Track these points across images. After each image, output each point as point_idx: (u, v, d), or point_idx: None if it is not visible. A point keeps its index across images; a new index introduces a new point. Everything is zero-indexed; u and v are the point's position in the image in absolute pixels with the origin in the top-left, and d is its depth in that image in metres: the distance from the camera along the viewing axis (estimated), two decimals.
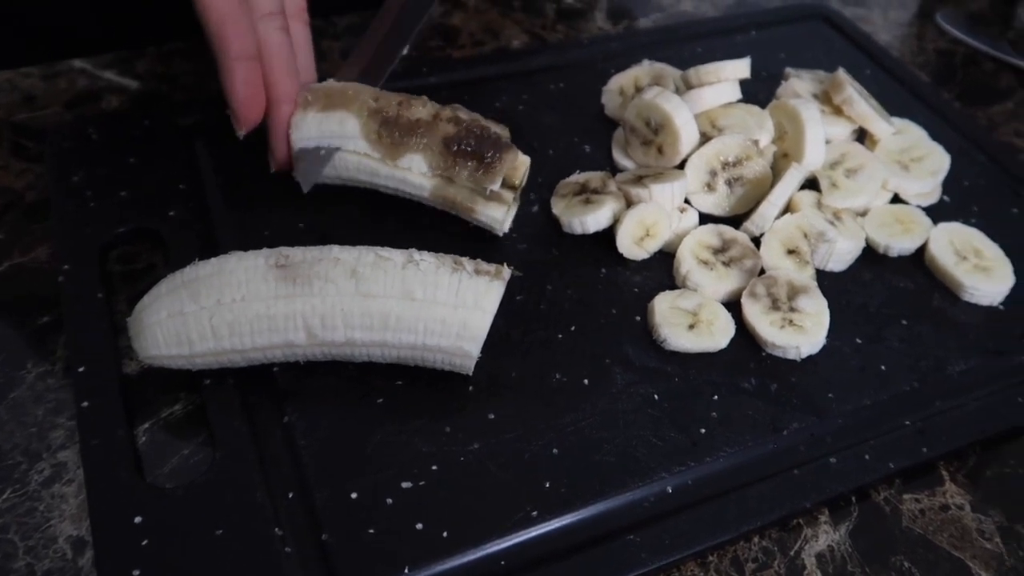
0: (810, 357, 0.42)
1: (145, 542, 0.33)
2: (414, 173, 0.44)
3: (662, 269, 0.46)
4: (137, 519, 0.34)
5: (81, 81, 0.54)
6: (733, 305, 0.44)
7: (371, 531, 0.34)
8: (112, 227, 0.45)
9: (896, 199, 0.50)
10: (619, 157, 0.51)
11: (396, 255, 0.38)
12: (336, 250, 0.38)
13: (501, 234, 0.46)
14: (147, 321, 0.37)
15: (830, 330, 0.43)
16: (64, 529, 0.35)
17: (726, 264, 0.45)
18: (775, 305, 0.43)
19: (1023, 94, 0.63)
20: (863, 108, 0.51)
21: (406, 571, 0.33)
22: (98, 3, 0.60)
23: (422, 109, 0.44)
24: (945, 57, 0.66)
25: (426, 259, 0.38)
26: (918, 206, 0.50)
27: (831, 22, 0.65)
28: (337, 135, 0.43)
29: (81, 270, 0.42)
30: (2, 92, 0.53)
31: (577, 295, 0.44)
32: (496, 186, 0.43)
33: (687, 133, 0.47)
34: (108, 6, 0.60)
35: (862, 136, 0.53)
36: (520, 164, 0.45)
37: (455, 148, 0.43)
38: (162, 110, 0.52)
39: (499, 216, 0.45)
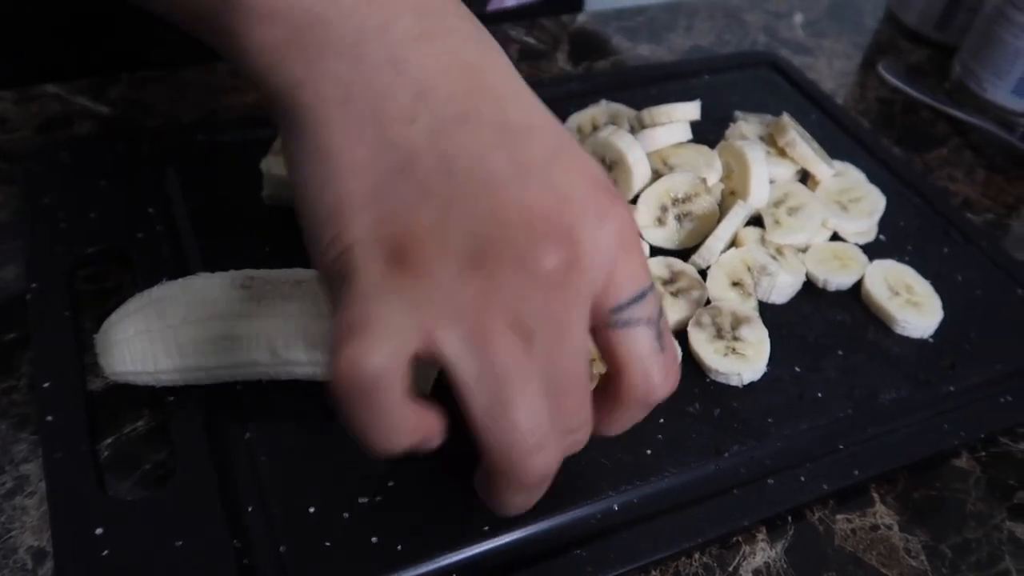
0: (751, 384, 0.45)
1: (105, 552, 0.34)
2: None
3: None
4: (98, 531, 0.35)
5: (54, 106, 0.56)
6: (679, 334, 0.46)
7: (327, 544, 0.36)
8: (81, 248, 0.46)
9: (835, 237, 0.53)
10: None
11: None
12: (300, 272, 0.40)
13: None
14: (114, 338, 0.38)
15: (771, 359, 0.45)
16: (25, 540, 0.35)
17: (674, 295, 0.47)
18: (719, 334, 0.45)
19: (957, 141, 0.66)
20: (805, 151, 0.54)
21: None
22: (72, 30, 0.61)
23: None
24: (886, 105, 0.69)
25: None
26: (856, 244, 0.53)
27: (779, 69, 0.69)
28: None
29: (49, 289, 0.43)
30: None
31: None
32: None
33: (639, 170, 0.50)
34: (83, 33, 0.62)
35: (805, 177, 0.56)
36: None
37: None
38: (133, 136, 0.53)
39: None
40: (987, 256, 0.55)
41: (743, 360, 0.44)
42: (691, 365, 0.45)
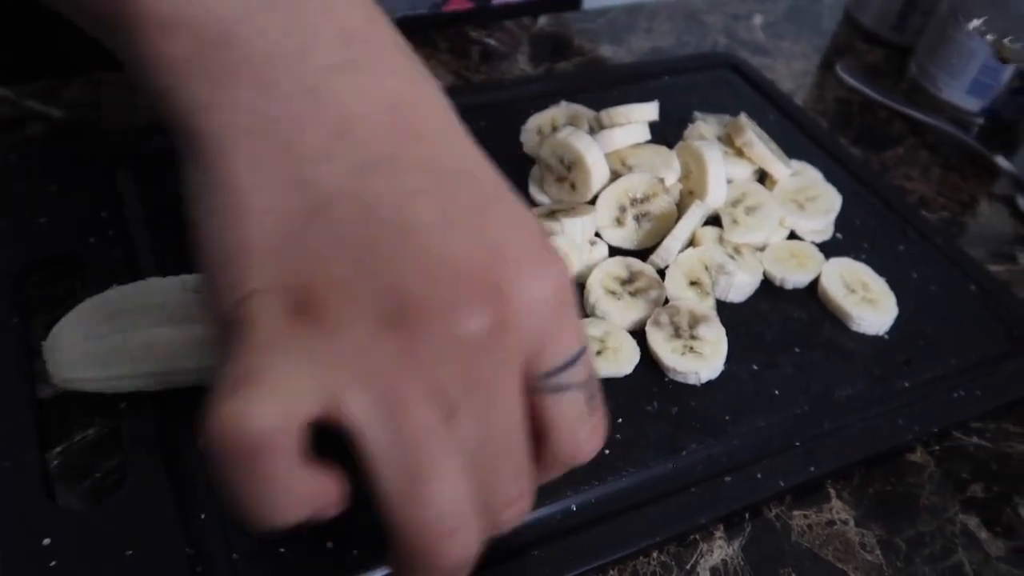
0: (709, 382, 0.45)
1: (53, 563, 0.33)
2: None
3: None
4: (45, 541, 0.34)
5: (3, 108, 0.55)
6: (637, 333, 0.46)
7: (282, 550, 0.35)
8: (30, 253, 0.45)
9: (792, 236, 0.54)
10: (535, 192, 0.53)
11: None
12: None
13: None
14: (62, 344, 0.37)
15: (728, 357, 0.45)
16: None
17: (632, 294, 0.47)
18: (677, 333, 0.45)
19: (913, 140, 0.67)
20: (762, 151, 0.54)
21: None
22: (23, 32, 0.60)
23: None
24: (843, 105, 0.70)
25: None
26: (812, 242, 0.53)
27: (739, 70, 0.69)
28: None
29: None
30: None
31: None
32: None
33: (598, 170, 0.50)
34: (34, 35, 0.61)
35: (763, 177, 0.56)
36: None
37: None
38: (85, 139, 0.53)
39: None
40: (942, 253, 0.55)
41: (701, 359, 0.45)
42: (649, 364, 0.45)
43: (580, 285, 0.48)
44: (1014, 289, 0.55)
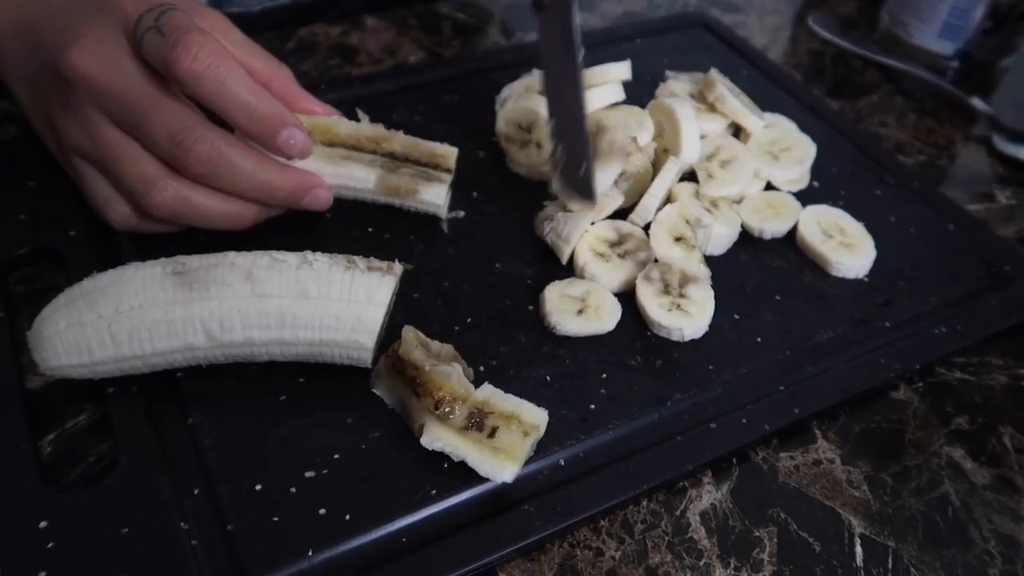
0: None
1: (51, 545, 0.34)
2: (361, 171, 0.48)
3: (552, 261, 0.48)
4: (42, 524, 0.35)
5: None
6: (628, 294, 0.46)
7: (275, 519, 0.36)
8: (12, 248, 0.45)
9: (769, 187, 0.54)
10: (510, 163, 0.54)
11: (290, 257, 0.40)
12: (232, 256, 0.40)
13: (444, 216, 0.50)
14: (46, 332, 0.38)
15: (712, 312, 0.46)
16: None
17: (621, 256, 0.48)
18: (666, 290, 0.46)
19: (887, 88, 0.68)
20: (734, 104, 0.54)
21: (310, 554, 0.35)
22: None
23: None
24: (816, 57, 0.70)
25: (320, 259, 0.40)
26: (789, 192, 0.54)
27: (711, 29, 0.69)
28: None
29: None
30: None
31: (472, 289, 0.46)
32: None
33: None
34: None
35: (737, 131, 0.56)
36: (450, 152, 0.50)
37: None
38: None
39: (440, 197, 0.48)
40: (919, 196, 0.56)
41: (687, 317, 0.45)
42: (632, 320, 0.46)
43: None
44: (993, 227, 0.55)
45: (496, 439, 0.38)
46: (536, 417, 0.39)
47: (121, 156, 0.41)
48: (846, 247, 0.50)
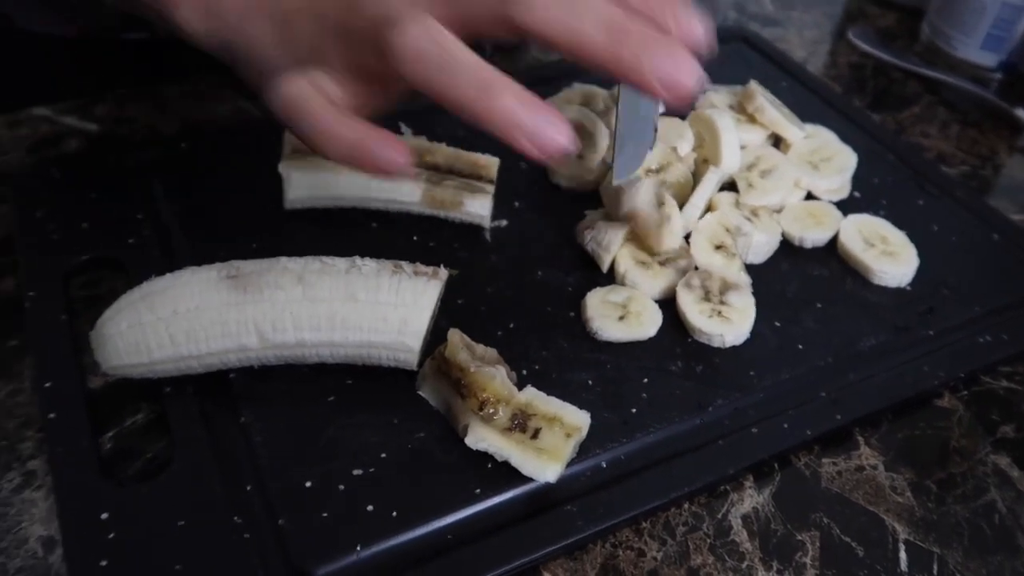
0: None
1: (112, 535, 0.35)
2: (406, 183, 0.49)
3: (593, 269, 0.49)
4: (103, 515, 0.36)
5: (43, 127, 0.57)
6: (668, 300, 0.47)
7: (324, 515, 0.37)
8: (75, 256, 0.47)
9: (810, 197, 0.54)
10: (551, 175, 0.55)
11: (340, 262, 0.41)
12: (284, 261, 0.41)
13: (487, 226, 0.51)
14: (108, 333, 0.39)
15: (753, 319, 0.46)
16: (34, 531, 0.37)
17: (662, 264, 0.48)
18: (707, 297, 0.46)
19: (928, 99, 0.67)
20: (773, 115, 0.55)
21: (358, 549, 0.36)
22: (59, 55, 0.63)
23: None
24: (857, 70, 0.70)
25: (368, 264, 0.41)
26: (830, 201, 0.54)
27: (750, 43, 0.70)
28: None
29: (45, 296, 0.45)
30: None
31: (515, 296, 0.47)
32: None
33: (598, 133, 0.51)
34: (68, 57, 0.64)
35: (777, 142, 0.57)
36: (492, 163, 0.51)
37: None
38: (120, 149, 0.55)
39: (484, 208, 0.50)
40: (962, 205, 0.56)
41: (728, 323, 0.45)
42: (672, 327, 0.46)
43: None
44: None
45: (539, 440, 0.38)
46: (579, 419, 0.39)
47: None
48: (888, 255, 0.50)
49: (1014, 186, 0.60)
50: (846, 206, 0.54)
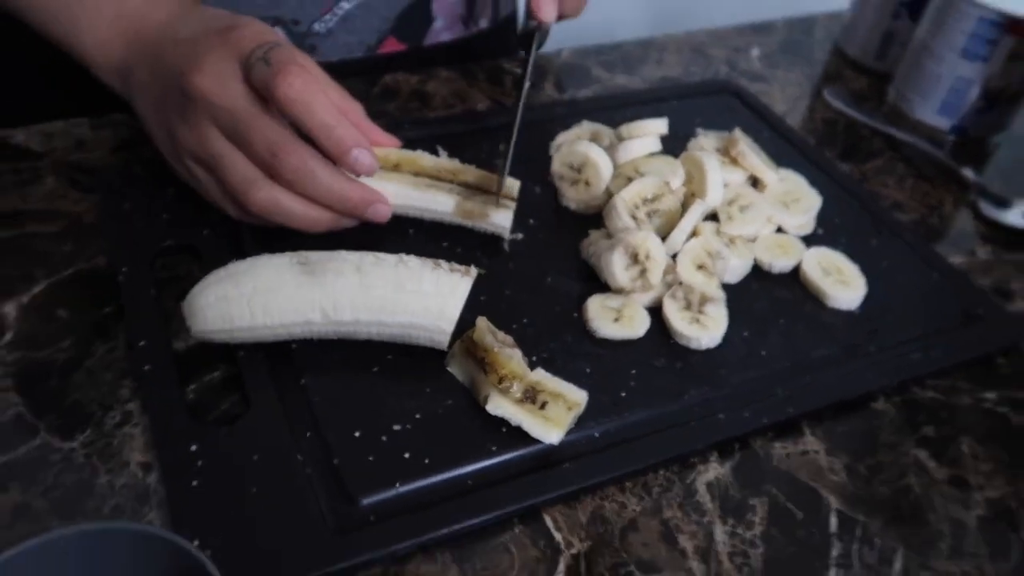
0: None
1: (200, 463, 0.44)
2: (443, 197, 0.58)
3: (594, 279, 0.58)
4: (192, 447, 0.45)
5: (123, 130, 0.66)
6: (656, 308, 0.56)
7: (370, 458, 0.45)
8: (157, 243, 0.56)
9: (780, 230, 0.64)
10: (561, 198, 0.64)
11: (390, 257, 0.50)
12: (344, 253, 0.50)
13: (507, 237, 0.60)
14: (199, 304, 0.48)
15: (726, 327, 0.55)
16: (135, 457, 0.45)
17: None
18: (688, 306, 0.55)
19: (890, 155, 0.77)
20: (753, 159, 0.65)
21: (397, 486, 0.44)
22: None
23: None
24: (830, 125, 0.80)
25: (412, 260, 0.50)
26: (796, 235, 0.63)
27: (738, 95, 0.80)
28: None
29: (136, 273, 0.54)
30: (59, 138, 0.65)
31: (528, 297, 0.56)
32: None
33: (603, 164, 0.61)
34: None
35: (755, 183, 0.66)
36: (514, 184, 0.61)
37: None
38: None
39: (507, 221, 0.59)
40: (910, 247, 0.65)
41: (704, 329, 0.55)
42: (658, 331, 0.55)
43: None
44: (972, 277, 0.64)
45: (546, 411, 0.47)
46: (578, 396, 0.48)
47: (227, 161, 0.52)
48: (842, 283, 0.59)
49: (955, 234, 0.70)
50: (810, 240, 0.63)
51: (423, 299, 0.49)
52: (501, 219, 0.59)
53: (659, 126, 0.65)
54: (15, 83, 0.69)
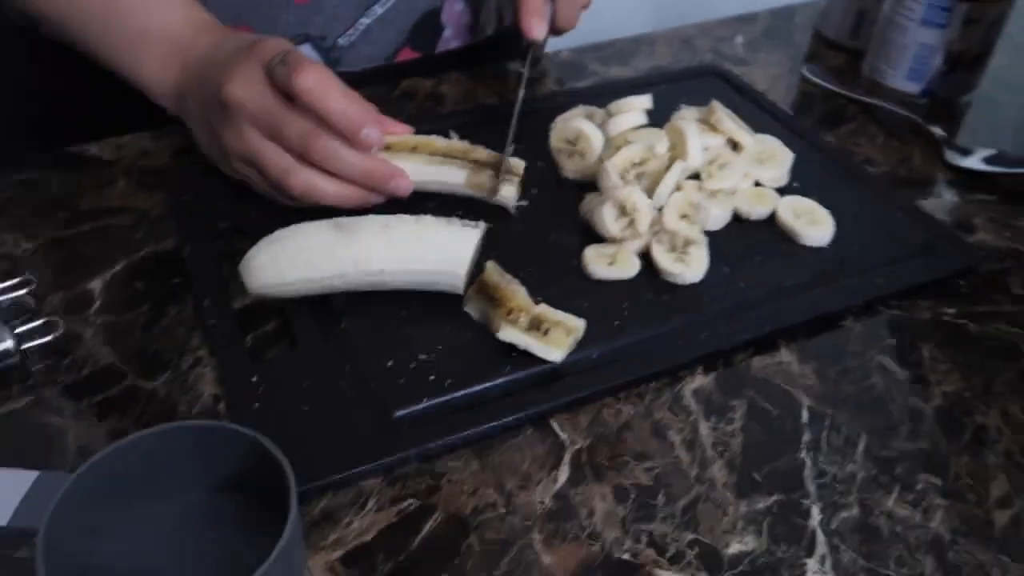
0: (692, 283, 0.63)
1: (260, 390, 0.53)
2: (455, 171, 0.67)
3: (591, 234, 0.66)
4: (253, 378, 0.53)
5: (179, 139, 0.76)
6: (645, 253, 0.64)
7: (401, 381, 0.54)
8: (214, 224, 0.66)
9: (758, 185, 0.71)
10: (560, 170, 0.73)
11: (409, 217, 0.59)
12: (371, 216, 0.59)
13: (513, 209, 0.68)
14: (253, 264, 0.57)
15: (707, 264, 0.63)
16: (207, 389, 0.54)
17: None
18: (673, 248, 0.63)
19: (863, 119, 0.85)
20: (729, 124, 0.73)
21: (424, 400, 0.53)
22: None
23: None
24: (808, 97, 0.88)
25: (429, 218, 0.59)
26: (772, 188, 0.71)
27: (722, 76, 0.88)
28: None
29: (198, 249, 0.63)
30: (126, 147, 0.75)
31: (533, 251, 0.65)
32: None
33: (595, 137, 0.69)
34: None
35: (735, 147, 0.74)
36: (519, 163, 0.69)
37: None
38: None
39: (512, 194, 0.67)
40: (878, 193, 0.73)
41: (687, 266, 0.62)
42: (648, 273, 0.63)
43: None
44: (937, 216, 0.71)
45: (549, 336, 0.55)
46: (577, 323, 0.56)
47: (267, 155, 0.61)
48: (812, 223, 0.67)
49: (923, 181, 0.77)
50: (785, 191, 0.71)
51: (439, 248, 0.57)
52: (506, 192, 0.67)
53: (644, 102, 0.74)
54: (88, 104, 0.80)
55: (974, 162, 0.77)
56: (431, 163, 0.67)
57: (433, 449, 0.51)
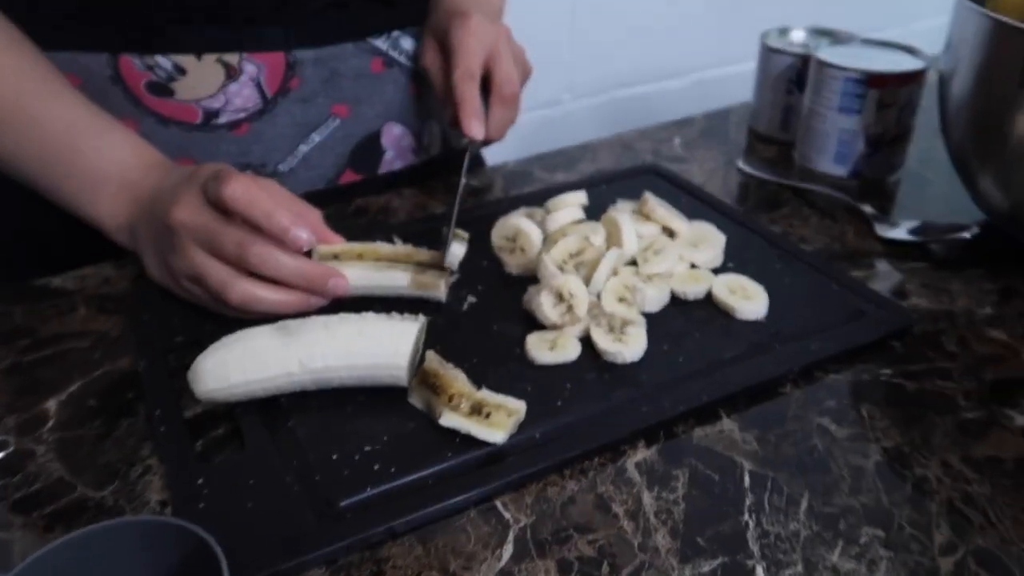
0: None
1: (205, 491, 0.53)
2: (399, 275, 0.70)
3: (534, 324, 0.68)
4: (199, 480, 0.54)
5: (140, 267, 0.79)
6: (585, 337, 0.66)
7: (346, 472, 0.55)
8: (169, 340, 0.68)
9: (693, 266, 0.74)
10: (504, 267, 0.76)
11: (352, 315, 0.61)
12: (314, 316, 0.61)
13: (443, 300, 0.70)
14: (201, 369, 0.59)
15: (647, 342, 0.65)
16: (154, 496, 0.55)
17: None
18: (611, 329, 0.65)
19: (797, 202, 0.89)
20: (662, 212, 0.76)
21: (368, 490, 0.53)
22: None
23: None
24: (743, 187, 0.93)
25: (370, 315, 0.61)
26: (708, 269, 0.74)
27: (660, 174, 0.93)
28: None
29: (153, 362, 0.65)
30: (89, 279, 0.78)
31: (477, 341, 0.67)
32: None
33: (532, 232, 0.73)
34: None
35: (672, 235, 0.78)
36: (463, 235, 0.74)
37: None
38: None
39: (444, 287, 0.70)
40: (811, 266, 0.75)
41: (626, 346, 0.64)
42: (588, 356, 0.65)
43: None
44: (870, 285, 0.74)
45: (490, 419, 0.57)
46: (518, 405, 0.58)
47: (207, 269, 0.64)
48: (746, 298, 0.69)
49: (856, 253, 0.80)
50: (720, 271, 0.74)
51: (379, 341, 0.59)
52: (443, 287, 0.70)
53: (579, 197, 0.78)
54: (49, 239, 0.84)
55: (901, 232, 0.80)
56: (378, 268, 0.70)
57: (377, 535, 0.51)
